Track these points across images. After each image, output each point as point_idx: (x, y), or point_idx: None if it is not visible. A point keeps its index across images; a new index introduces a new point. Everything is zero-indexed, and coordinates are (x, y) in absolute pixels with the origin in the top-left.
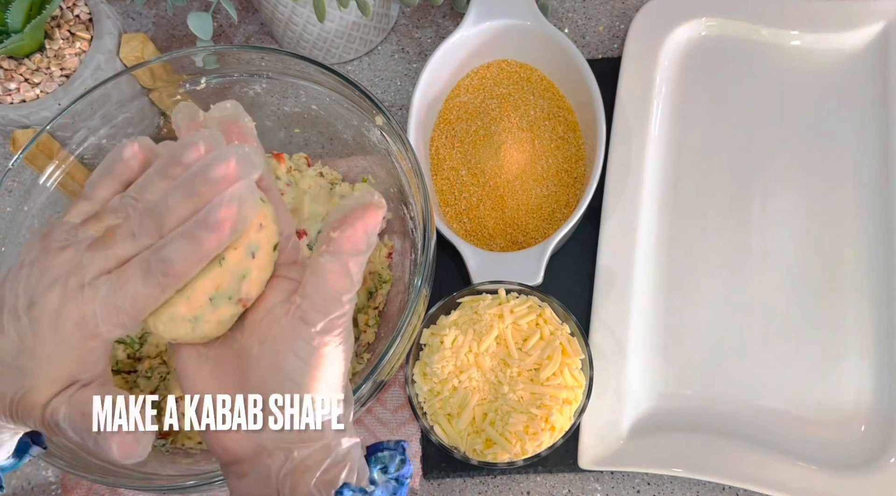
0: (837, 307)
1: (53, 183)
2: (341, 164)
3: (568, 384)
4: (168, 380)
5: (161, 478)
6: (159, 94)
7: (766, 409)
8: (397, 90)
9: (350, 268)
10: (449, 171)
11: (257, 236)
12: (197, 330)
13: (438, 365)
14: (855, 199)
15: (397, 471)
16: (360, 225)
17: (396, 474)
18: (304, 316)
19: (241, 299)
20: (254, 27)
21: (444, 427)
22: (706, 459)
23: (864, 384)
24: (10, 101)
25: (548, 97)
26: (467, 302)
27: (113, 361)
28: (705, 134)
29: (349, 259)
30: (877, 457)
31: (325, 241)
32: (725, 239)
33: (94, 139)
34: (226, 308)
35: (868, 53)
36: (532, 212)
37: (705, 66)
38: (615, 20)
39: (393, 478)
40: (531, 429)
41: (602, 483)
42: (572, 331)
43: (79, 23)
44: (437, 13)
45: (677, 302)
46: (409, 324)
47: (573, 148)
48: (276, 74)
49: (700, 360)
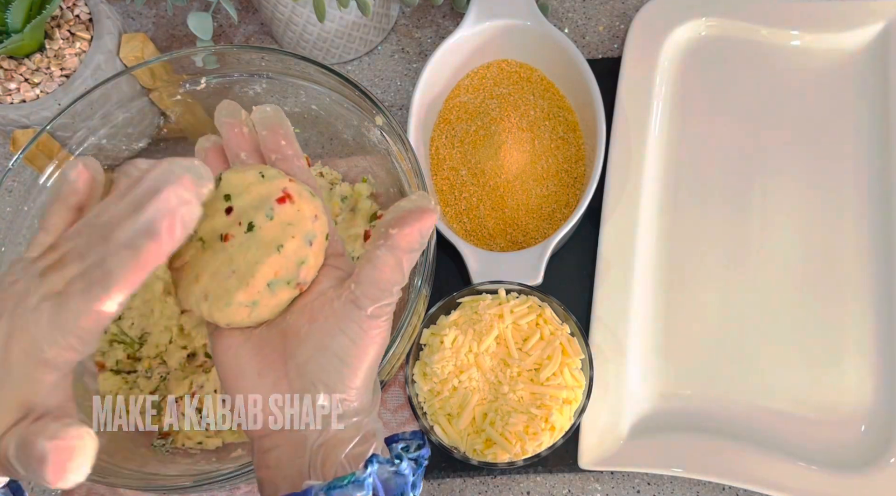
0: (837, 307)
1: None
2: (341, 164)
3: (568, 384)
4: (168, 380)
5: (161, 478)
6: (159, 94)
7: (766, 409)
8: (397, 90)
9: (403, 264)
10: (449, 171)
11: (313, 226)
12: (254, 314)
13: (438, 365)
14: (855, 199)
15: (417, 452)
16: (417, 226)
17: (416, 454)
18: (357, 300)
19: (298, 283)
20: (254, 27)
21: (444, 427)
22: (706, 459)
23: (864, 384)
24: (10, 101)
25: (548, 97)
26: (467, 302)
27: (113, 361)
28: (705, 134)
29: (403, 255)
30: (877, 457)
31: (382, 237)
32: (726, 238)
33: (94, 139)
34: (284, 292)
35: (868, 53)
36: (532, 212)
37: (705, 66)
38: (615, 20)
39: (413, 459)
40: (531, 429)
41: (602, 483)
42: (572, 331)
43: (79, 23)
44: (437, 13)
45: (677, 302)
46: (408, 324)
47: (573, 148)
48: (276, 74)
49: (700, 360)
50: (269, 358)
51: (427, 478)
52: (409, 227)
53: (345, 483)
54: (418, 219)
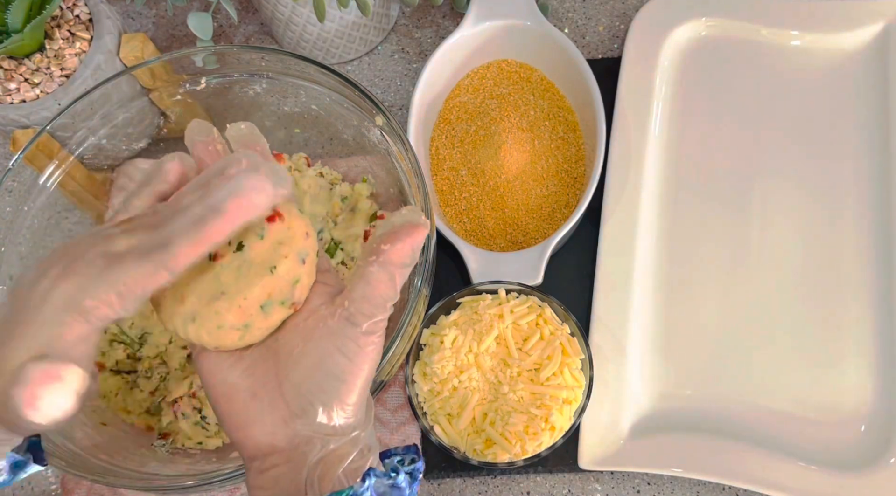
0: (837, 307)
1: (53, 183)
2: (341, 164)
3: (568, 384)
4: (168, 381)
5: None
6: (159, 94)
7: (766, 409)
8: (397, 90)
9: (396, 279)
10: (449, 171)
11: (305, 244)
12: (246, 337)
13: (438, 365)
14: (855, 198)
15: (411, 466)
16: (409, 240)
17: (411, 468)
18: (351, 317)
19: (293, 303)
20: (254, 27)
21: (444, 427)
22: (706, 459)
23: (864, 384)
24: (10, 101)
25: (548, 97)
26: (467, 302)
27: (112, 361)
28: (705, 134)
29: (396, 270)
30: (877, 457)
31: (374, 253)
32: (725, 239)
33: (94, 139)
34: (278, 313)
35: (868, 53)
36: (532, 212)
37: (705, 66)
38: (615, 20)
39: (408, 472)
40: (531, 429)
41: (602, 483)
42: (572, 331)
43: (79, 23)
44: (437, 13)
45: (677, 302)
46: (408, 324)
47: (573, 148)
48: (276, 74)
49: (700, 360)
50: (262, 379)
51: (427, 478)
52: (401, 241)
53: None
54: (410, 233)
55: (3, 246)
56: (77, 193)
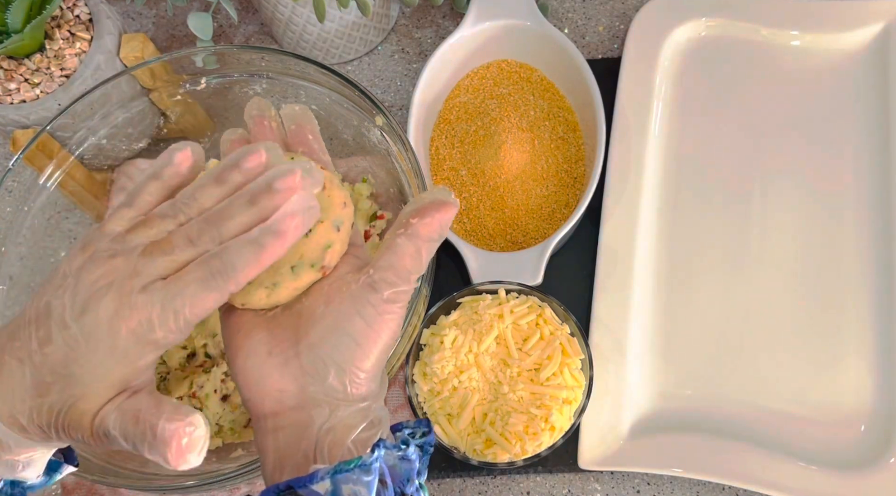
0: (837, 307)
1: (53, 183)
2: (341, 164)
3: (568, 384)
4: (168, 381)
5: (161, 478)
6: (159, 94)
7: (766, 409)
8: (397, 90)
9: (422, 252)
10: (449, 171)
11: (341, 212)
12: (272, 296)
13: (438, 365)
14: (855, 199)
15: (423, 439)
16: (438, 216)
17: (422, 441)
18: (374, 284)
19: (323, 267)
20: (254, 27)
21: (444, 427)
22: (706, 459)
23: (864, 384)
24: (10, 101)
25: (548, 97)
26: (467, 302)
27: None
28: (705, 134)
29: (423, 244)
30: (877, 457)
31: (403, 226)
32: (725, 239)
33: (94, 139)
34: (307, 275)
35: (868, 53)
36: (532, 212)
37: (705, 66)
38: (615, 20)
39: (419, 445)
40: (531, 429)
41: (602, 483)
42: (572, 332)
43: (79, 23)
44: (437, 13)
45: (677, 302)
46: (408, 324)
47: (573, 148)
48: (276, 74)
49: (700, 360)
50: (280, 338)
51: (427, 478)
52: (430, 216)
53: (351, 467)
54: (439, 209)
55: (3, 246)
56: (77, 193)
